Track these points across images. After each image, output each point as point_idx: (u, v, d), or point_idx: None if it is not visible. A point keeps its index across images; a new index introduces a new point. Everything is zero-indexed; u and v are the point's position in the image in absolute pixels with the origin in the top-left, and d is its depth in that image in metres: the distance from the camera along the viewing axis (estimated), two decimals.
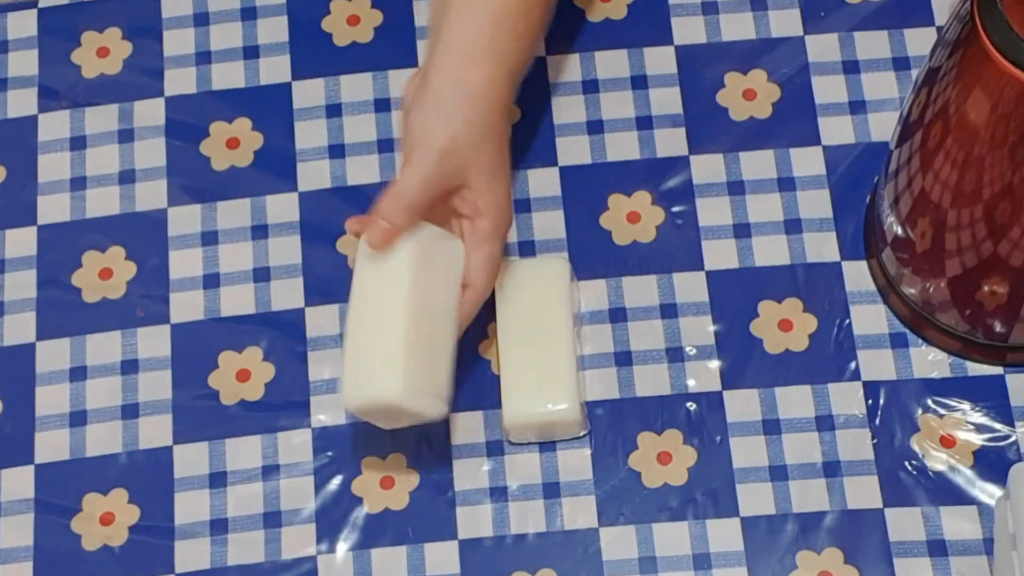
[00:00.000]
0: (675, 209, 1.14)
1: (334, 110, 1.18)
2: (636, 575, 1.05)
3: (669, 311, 1.12)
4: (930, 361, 1.10)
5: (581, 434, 1.09)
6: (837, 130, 1.16)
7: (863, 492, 1.06)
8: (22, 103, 1.20)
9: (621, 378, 1.10)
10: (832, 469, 1.07)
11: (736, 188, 1.14)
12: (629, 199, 1.14)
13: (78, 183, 1.17)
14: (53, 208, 1.16)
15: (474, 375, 1.10)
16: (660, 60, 1.18)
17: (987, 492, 1.06)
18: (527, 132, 1.17)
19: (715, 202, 1.14)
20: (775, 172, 1.15)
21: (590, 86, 1.18)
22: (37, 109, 1.19)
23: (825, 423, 1.08)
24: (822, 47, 1.18)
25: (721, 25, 1.19)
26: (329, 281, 1.13)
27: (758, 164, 1.15)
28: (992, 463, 1.07)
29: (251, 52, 1.20)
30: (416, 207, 1.01)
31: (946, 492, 1.06)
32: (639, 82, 1.18)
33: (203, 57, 1.20)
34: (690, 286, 1.12)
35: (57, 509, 1.09)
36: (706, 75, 1.18)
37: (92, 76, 1.20)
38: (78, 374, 1.12)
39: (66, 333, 1.13)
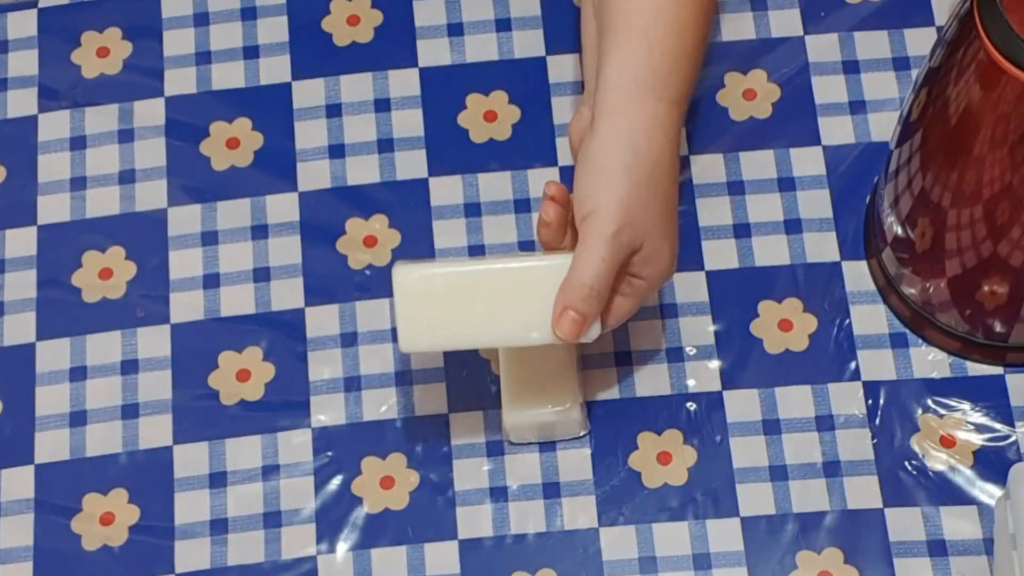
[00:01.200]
0: None
1: (334, 110, 1.18)
2: (636, 575, 1.05)
3: (669, 311, 1.12)
4: (930, 361, 1.10)
5: (581, 434, 1.09)
6: (837, 130, 1.16)
7: (863, 492, 1.06)
8: (22, 103, 1.20)
9: (621, 378, 1.10)
10: (832, 469, 1.07)
11: (736, 188, 1.14)
12: None
13: (78, 183, 1.17)
14: (53, 208, 1.16)
15: (474, 375, 1.10)
16: None
17: (987, 492, 1.06)
18: (527, 132, 1.17)
19: (715, 202, 1.14)
20: (775, 172, 1.15)
21: None
22: (37, 109, 1.19)
23: (825, 423, 1.08)
24: (822, 47, 1.18)
25: (721, 25, 1.19)
26: (329, 281, 1.13)
27: (758, 164, 1.15)
28: (992, 463, 1.07)
29: (251, 52, 1.20)
30: (603, 292, 0.96)
31: (946, 492, 1.06)
32: None
33: (203, 57, 1.20)
34: (690, 286, 1.12)
35: (57, 509, 1.09)
36: (706, 75, 1.18)
37: (92, 76, 1.20)
38: (78, 374, 1.12)
39: (66, 333, 1.13)
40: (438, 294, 0.98)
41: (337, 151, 1.17)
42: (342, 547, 1.07)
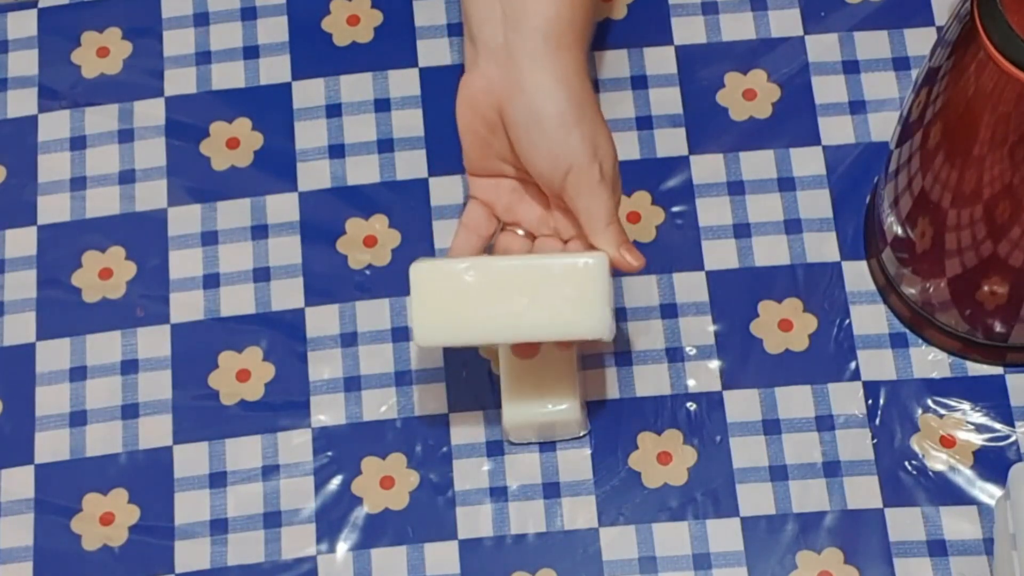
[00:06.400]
0: (675, 209, 1.14)
1: (334, 110, 1.18)
2: (636, 575, 1.05)
3: (669, 311, 1.12)
4: (930, 361, 1.10)
5: (581, 434, 1.09)
6: (837, 130, 1.16)
7: (863, 492, 1.06)
8: (22, 103, 1.20)
9: (621, 378, 1.10)
10: (832, 469, 1.07)
11: (736, 188, 1.15)
12: (629, 199, 1.15)
13: (78, 183, 1.17)
14: (53, 208, 1.16)
15: (474, 375, 1.10)
16: (660, 60, 1.18)
17: (987, 492, 1.06)
18: None
19: (715, 202, 1.14)
20: (775, 172, 1.15)
21: None
22: (37, 109, 1.19)
23: (825, 423, 1.08)
24: (822, 47, 1.18)
25: (721, 25, 1.19)
26: (329, 281, 1.13)
27: (758, 164, 1.15)
28: (992, 463, 1.07)
29: (251, 52, 1.20)
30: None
31: (946, 492, 1.06)
32: (639, 82, 1.18)
33: (203, 57, 1.20)
34: (690, 286, 1.12)
35: (57, 509, 1.09)
36: (706, 75, 1.18)
37: (92, 76, 1.20)
38: (78, 374, 1.12)
39: (66, 333, 1.13)
40: (455, 288, 0.98)
41: (337, 151, 1.17)
42: (342, 547, 1.07)
